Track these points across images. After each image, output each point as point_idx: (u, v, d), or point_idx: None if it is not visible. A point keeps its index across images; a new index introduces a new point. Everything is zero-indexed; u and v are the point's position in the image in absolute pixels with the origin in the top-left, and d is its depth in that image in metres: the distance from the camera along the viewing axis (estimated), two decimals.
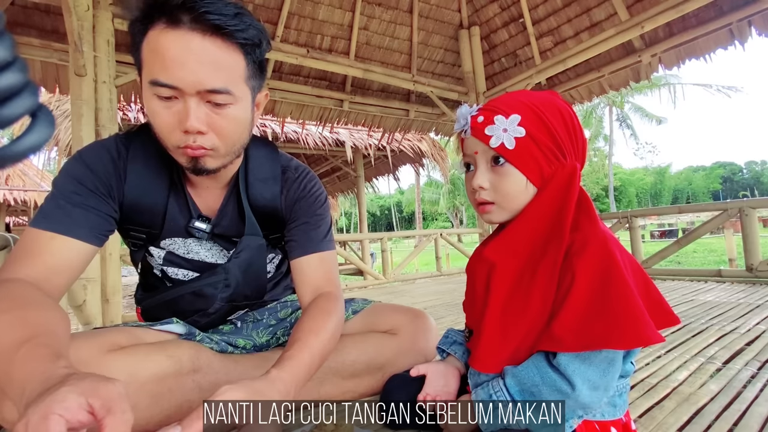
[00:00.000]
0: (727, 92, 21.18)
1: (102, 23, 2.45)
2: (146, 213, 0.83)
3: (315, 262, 0.89)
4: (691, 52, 3.37)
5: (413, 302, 2.69)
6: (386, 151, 6.91)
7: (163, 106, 0.68)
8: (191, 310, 0.91)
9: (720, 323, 1.63)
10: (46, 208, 0.73)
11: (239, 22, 0.68)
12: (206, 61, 0.66)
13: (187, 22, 0.65)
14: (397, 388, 0.85)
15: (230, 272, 0.89)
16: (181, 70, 0.65)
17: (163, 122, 0.69)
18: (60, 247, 0.70)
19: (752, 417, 0.82)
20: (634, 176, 46.45)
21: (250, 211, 0.89)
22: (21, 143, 0.29)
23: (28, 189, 8.59)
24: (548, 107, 0.64)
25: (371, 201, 38.85)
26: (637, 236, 3.53)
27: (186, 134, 0.69)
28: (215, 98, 0.68)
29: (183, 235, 0.88)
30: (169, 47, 0.65)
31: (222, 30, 0.66)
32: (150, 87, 0.67)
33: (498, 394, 0.62)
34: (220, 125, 0.70)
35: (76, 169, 0.76)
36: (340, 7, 3.82)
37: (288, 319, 1.05)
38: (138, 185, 0.80)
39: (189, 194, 0.86)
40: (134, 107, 4.88)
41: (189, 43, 0.65)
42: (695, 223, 17.12)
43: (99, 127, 2.40)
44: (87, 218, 0.73)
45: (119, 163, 0.80)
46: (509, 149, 0.63)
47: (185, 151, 0.71)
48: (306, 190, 0.93)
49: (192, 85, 0.66)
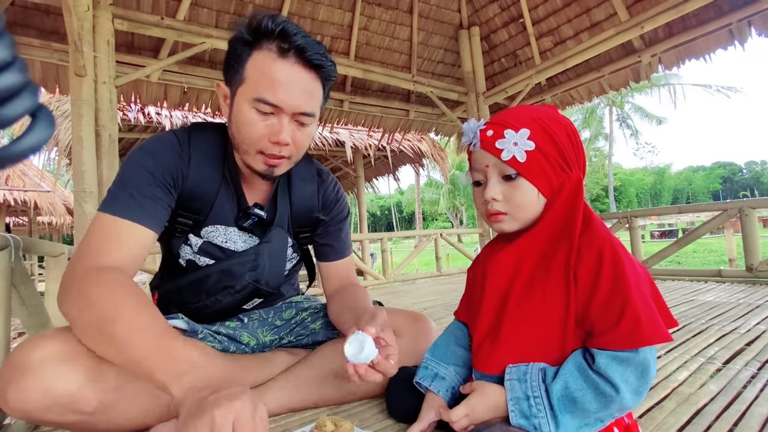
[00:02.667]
0: (726, 92, 21.20)
1: (102, 23, 2.45)
2: (199, 200, 0.89)
3: (346, 263, 1.08)
4: (690, 53, 3.37)
5: (413, 302, 2.69)
6: (386, 152, 6.91)
7: (260, 119, 0.80)
8: (218, 288, 0.94)
9: (720, 323, 1.63)
10: (120, 196, 0.79)
11: (330, 63, 0.84)
12: (305, 89, 0.81)
13: (293, 55, 0.79)
14: (400, 383, 0.86)
15: (260, 255, 0.95)
16: (286, 94, 0.79)
17: (257, 132, 0.80)
18: (139, 236, 0.78)
19: (752, 417, 0.82)
20: (634, 176, 46.46)
21: (287, 206, 0.99)
22: (21, 143, 0.29)
23: (28, 189, 8.59)
24: (553, 121, 0.67)
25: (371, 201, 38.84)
26: (637, 236, 3.53)
27: (275, 145, 0.81)
28: (303, 119, 0.82)
29: (227, 223, 0.94)
30: (280, 74, 0.78)
31: (320, 68, 0.82)
32: (253, 102, 0.79)
33: (536, 399, 0.62)
34: (300, 139, 0.84)
35: (145, 160, 0.82)
36: (340, 7, 3.82)
37: (293, 320, 1.07)
38: (198, 174, 0.88)
39: (242, 188, 0.94)
40: (134, 107, 4.88)
41: (296, 73, 0.80)
42: (695, 223, 17.13)
43: (99, 128, 2.41)
44: (155, 209, 0.81)
45: (183, 154, 0.87)
46: (520, 162, 0.65)
47: (266, 159, 0.83)
48: (338, 194, 1.07)
49: (292, 107, 0.80)
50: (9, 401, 0.65)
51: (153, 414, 0.76)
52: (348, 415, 0.90)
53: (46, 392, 0.65)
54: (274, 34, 0.78)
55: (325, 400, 0.95)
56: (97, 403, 0.69)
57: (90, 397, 0.68)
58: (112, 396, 0.70)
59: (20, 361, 0.66)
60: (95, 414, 0.69)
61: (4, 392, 0.65)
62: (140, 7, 2.90)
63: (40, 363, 0.66)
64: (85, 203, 2.31)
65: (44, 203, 8.60)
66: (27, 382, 0.64)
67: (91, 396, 0.68)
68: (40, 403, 0.65)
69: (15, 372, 0.65)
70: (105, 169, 2.40)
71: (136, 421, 0.75)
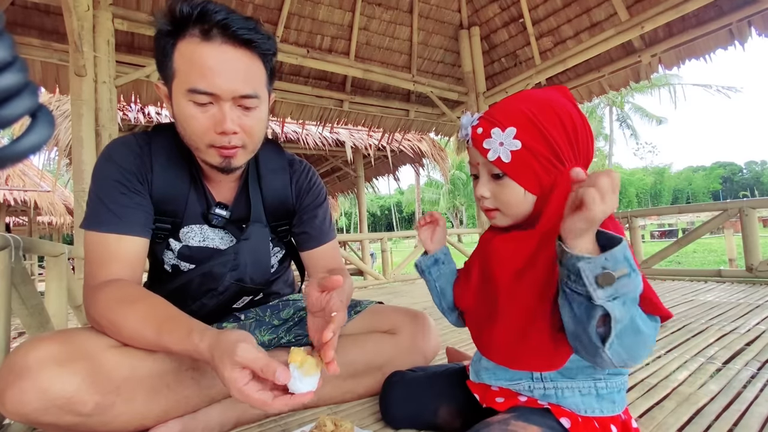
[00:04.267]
0: (726, 93, 21.19)
1: (102, 23, 2.45)
2: (170, 202, 0.88)
3: (328, 250, 1.04)
4: (690, 53, 3.37)
5: (413, 302, 2.69)
6: (386, 151, 6.91)
7: (199, 111, 0.76)
8: (201, 291, 0.94)
9: (720, 323, 1.63)
10: (99, 211, 0.81)
11: (261, 35, 0.77)
12: (240, 70, 0.76)
13: (218, 35, 0.74)
14: (396, 384, 0.86)
15: (239, 253, 0.94)
16: (218, 79, 0.73)
17: (200, 125, 0.76)
18: (129, 247, 0.81)
19: (752, 417, 0.82)
20: (634, 176, 46.39)
21: (259, 199, 0.96)
22: (21, 143, 0.29)
23: (28, 189, 8.59)
24: (546, 114, 0.63)
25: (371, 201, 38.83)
26: (637, 236, 3.53)
27: (222, 135, 0.77)
28: (246, 102, 0.77)
29: (200, 221, 0.93)
30: (207, 58, 0.73)
31: (251, 43, 0.76)
32: (187, 94, 0.74)
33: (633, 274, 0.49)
34: (250, 125, 0.80)
35: (110, 170, 0.83)
36: (340, 7, 3.82)
37: (291, 319, 1.07)
38: (163, 177, 0.87)
39: (207, 187, 0.93)
40: (134, 107, 4.88)
41: (224, 54, 0.74)
42: (695, 223, 17.12)
43: (99, 127, 2.40)
44: (136, 216, 0.82)
45: (145, 158, 0.86)
46: (506, 162, 0.64)
47: (220, 151, 0.79)
48: (312, 182, 1.03)
49: (228, 92, 0.75)
50: (6, 403, 0.64)
51: (151, 416, 0.76)
52: (348, 415, 0.90)
53: (43, 393, 0.65)
54: (193, 17, 0.73)
55: (325, 400, 0.95)
56: (94, 405, 0.68)
57: (87, 398, 0.68)
58: (109, 398, 0.70)
59: (18, 362, 0.66)
60: (92, 416, 0.69)
61: (2, 394, 0.65)
62: (140, 7, 2.90)
63: (38, 364, 0.65)
64: (84, 203, 2.30)
65: (44, 203, 8.59)
66: (24, 384, 0.64)
67: (88, 398, 0.68)
68: (37, 405, 0.65)
69: (12, 373, 0.65)
70: None
71: (134, 423, 0.75)
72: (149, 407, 0.75)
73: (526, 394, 0.67)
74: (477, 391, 0.73)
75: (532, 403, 0.65)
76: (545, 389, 0.65)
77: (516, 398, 0.67)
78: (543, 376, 0.66)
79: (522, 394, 0.67)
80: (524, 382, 0.67)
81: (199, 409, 0.82)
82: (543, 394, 0.65)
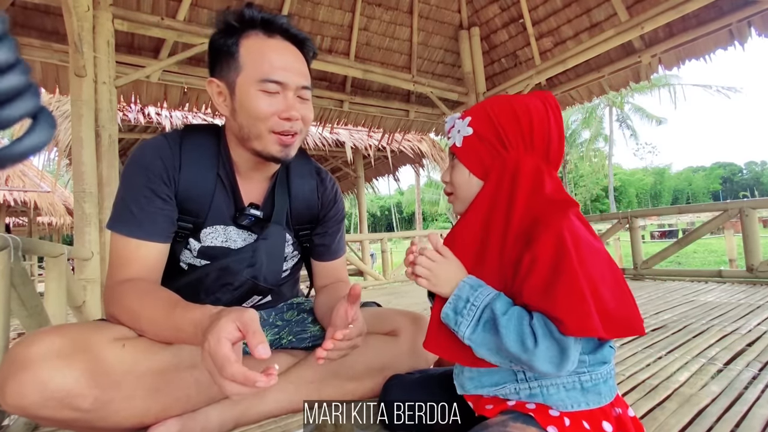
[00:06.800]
0: (726, 93, 21.19)
1: (102, 24, 2.45)
2: (195, 201, 0.91)
3: (339, 264, 1.11)
4: (690, 53, 3.37)
5: (413, 303, 2.69)
6: (386, 152, 6.90)
7: (268, 99, 0.83)
8: (217, 286, 0.95)
9: (721, 324, 1.63)
10: (123, 215, 0.84)
11: (309, 39, 0.90)
12: (301, 64, 0.87)
13: (279, 34, 0.85)
14: (396, 387, 0.85)
15: (257, 251, 0.95)
16: (289, 71, 0.83)
17: (267, 111, 0.83)
18: (149, 252, 0.85)
19: (754, 418, 0.82)
20: (634, 177, 46.39)
21: (285, 202, 1.00)
22: (21, 144, 0.29)
23: (28, 190, 8.58)
24: (501, 106, 0.70)
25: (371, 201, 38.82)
26: (637, 237, 3.53)
27: (286, 121, 0.84)
28: (304, 93, 0.87)
29: (226, 222, 0.95)
30: (276, 53, 0.83)
31: (304, 43, 0.89)
32: (259, 83, 0.82)
33: (473, 307, 0.64)
34: (306, 114, 0.88)
35: (138, 174, 0.86)
36: (340, 7, 3.82)
37: (294, 320, 1.08)
38: (190, 176, 0.89)
39: (237, 187, 0.94)
40: (134, 108, 4.87)
41: (288, 49, 0.86)
42: (695, 224, 17.12)
43: (99, 128, 2.40)
44: (158, 222, 0.85)
45: (174, 158, 0.89)
46: (458, 147, 0.72)
47: (280, 138, 0.85)
48: (337, 196, 1.09)
49: (296, 82, 0.84)
50: (6, 395, 0.65)
51: (150, 413, 0.76)
52: (348, 417, 0.90)
53: (42, 386, 0.65)
54: (258, 20, 0.83)
55: (325, 400, 0.95)
56: (93, 399, 0.69)
57: (86, 392, 0.68)
58: (109, 393, 0.70)
59: (19, 355, 0.66)
60: (91, 411, 0.69)
61: (2, 386, 0.65)
62: (140, 7, 2.90)
63: (38, 357, 0.66)
64: (85, 203, 2.30)
65: (44, 204, 8.59)
66: (24, 376, 0.65)
67: (87, 392, 0.68)
68: (36, 398, 0.65)
69: (13, 366, 0.66)
70: (105, 169, 2.40)
71: (133, 420, 0.75)
72: (149, 404, 0.76)
73: (513, 398, 0.67)
74: (470, 399, 0.73)
75: (520, 406, 0.65)
76: (530, 389, 0.65)
77: (505, 404, 0.67)
78: (527, 376, 0.65)
79: (509, 399, 0.67)
80: (509, 385, 0.67)
81: (198, 409, 0.82)
82: (529, 393, 0.65)
